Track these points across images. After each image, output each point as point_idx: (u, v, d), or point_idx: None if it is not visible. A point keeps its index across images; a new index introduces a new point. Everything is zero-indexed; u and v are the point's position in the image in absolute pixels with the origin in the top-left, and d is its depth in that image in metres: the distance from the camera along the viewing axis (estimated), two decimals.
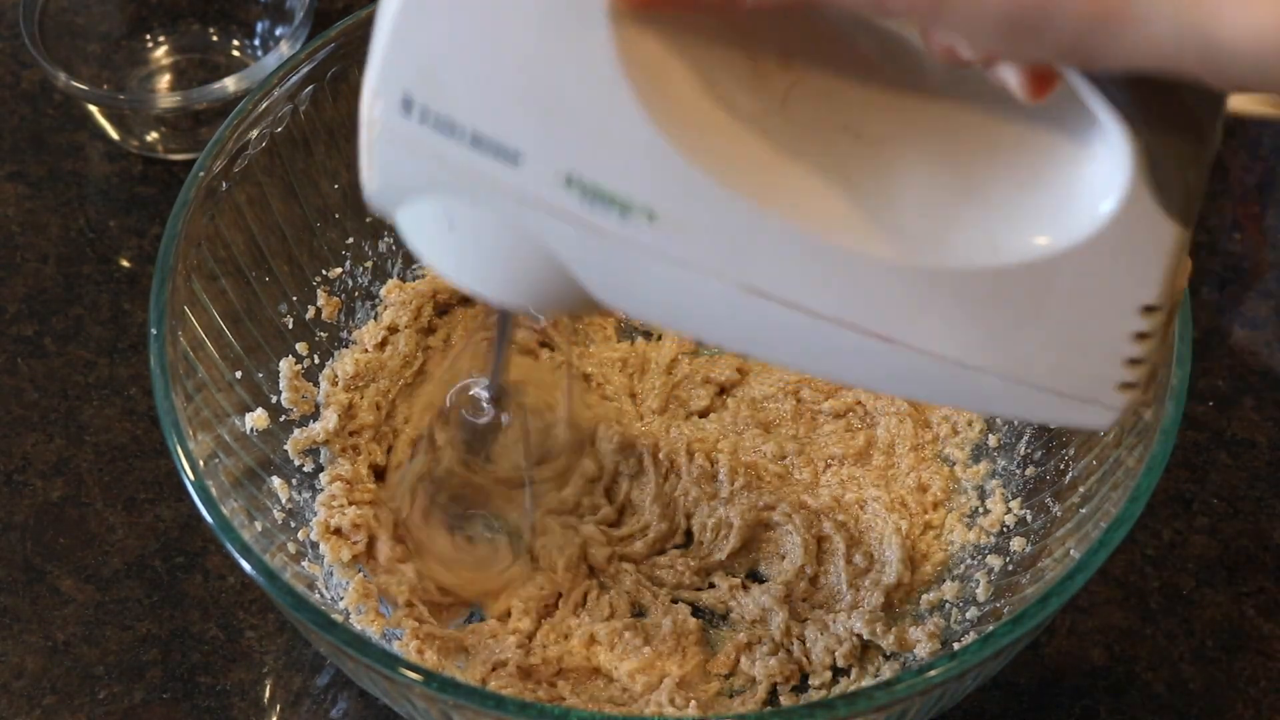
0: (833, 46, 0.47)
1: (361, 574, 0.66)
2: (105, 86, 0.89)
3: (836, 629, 0.66)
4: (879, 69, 0.47)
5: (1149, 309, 0.47)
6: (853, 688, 0.65)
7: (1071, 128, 0.46)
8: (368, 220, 0.75)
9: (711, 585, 0.70)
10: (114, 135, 0.87)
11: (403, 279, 0.76)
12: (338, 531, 0.67)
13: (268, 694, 0.70)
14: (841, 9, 0.43)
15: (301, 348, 0.72)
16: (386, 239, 0.76)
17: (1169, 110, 0.44)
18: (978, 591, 0.65)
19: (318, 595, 0.64)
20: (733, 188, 0.45)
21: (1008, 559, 0.66)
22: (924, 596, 0.67)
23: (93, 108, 0.86)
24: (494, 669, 0.65)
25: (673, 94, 0.45)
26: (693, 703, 0.64)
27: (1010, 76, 0.44)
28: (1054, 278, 0.46)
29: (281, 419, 0.69)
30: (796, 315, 0.46)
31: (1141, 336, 0.47)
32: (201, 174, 0.65)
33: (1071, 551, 0.59)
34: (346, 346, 0.74)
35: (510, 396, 0.66)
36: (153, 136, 0.87)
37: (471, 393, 0.66)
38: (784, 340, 0.48)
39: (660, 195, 0.45)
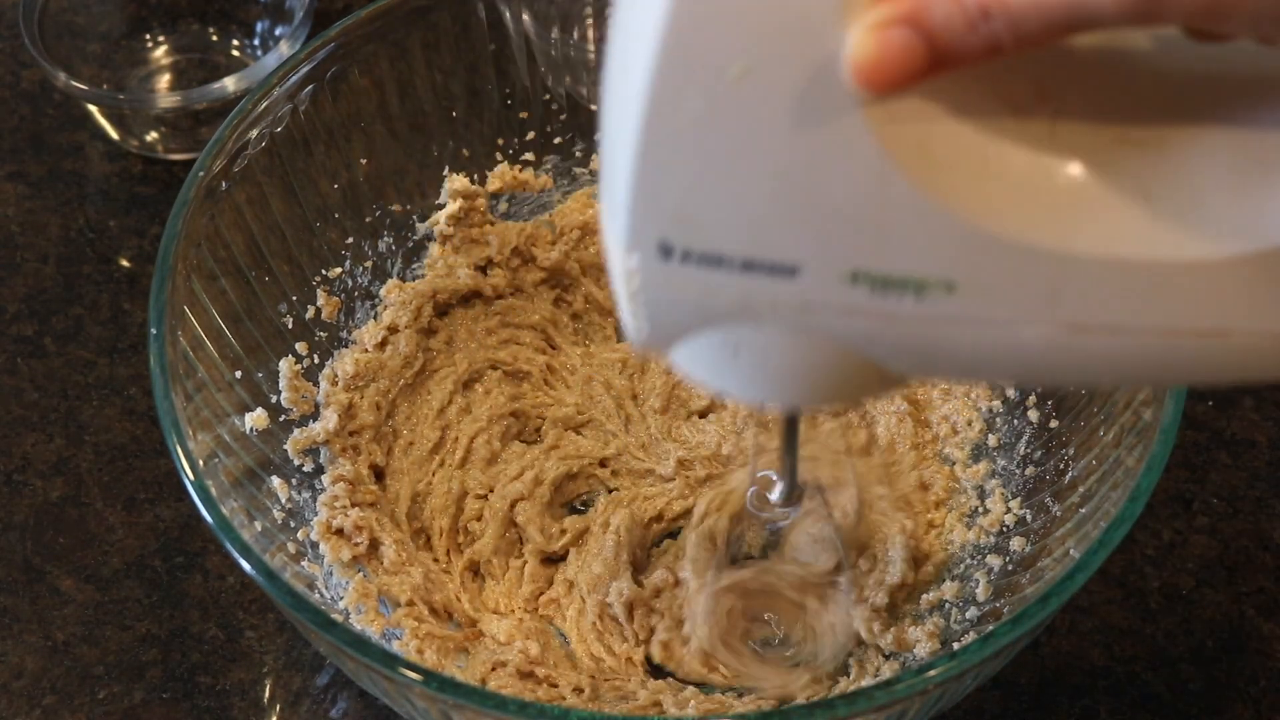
0: (1077, 63, 0.45)
1: (362, 574, 0.66)
2: (105, 86, 0.89)
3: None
4: (1129, 74, 0.45)
5: None
6: (853, 688, 0.64)
7: None
8: (367, 220, 0.75)
9: None
10: (114, 135, 0.87)
11: (402, 279, 0.76)
12: (339, 532, 0.67)
13: (267, 694, 0.70)
14: (1105, 19, 0.40)
15: (301, 347, 0.71)
16: (386, 238, 0.76)
17: None
18: (977, 591, 0.65)
19: (317, 595, 0.64)
20: (1025, 235, 0.43)
21: (1007, 559, 0.65)
22: (924, 596, 0.67)
23: (93, 108, 0.86)
24: (494, 669, 0.65)
25: (940, 161, 0.42)
26: (691, 703, 0.64)
27: None
28: None
29: (281, 419, 0.69)
30: (1123, 338, 0.44)
31: None
32: (201, 174, 0.65)
33: (1071, 551, 0.59)
34: (346, 346, 0.74)
35: (804, 493, 0.63)
36: (153, 136, 0.87)
37: (767, 494, 0.62)
38: (1117, 363, 0.46)
39: (953, 265, 0.43)
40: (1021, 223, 0.43)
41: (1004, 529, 0.67)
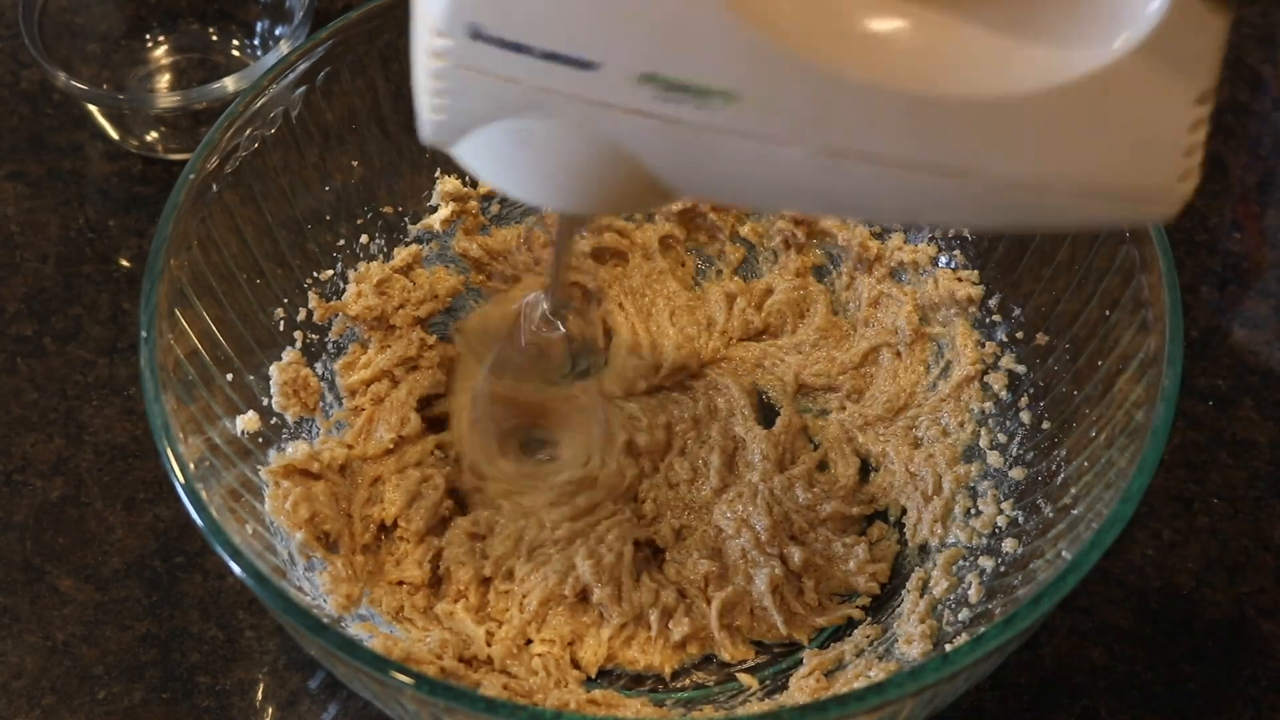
0: None
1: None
2: (105, 86, 0.89)
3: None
4: None
5: (1203, 97, 0.48)
6: (845, 689, 0.64)
7: None
8: (359, 222, 0.74)
9: None
10: (114, 135, 0.87)
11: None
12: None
13: (267, 694, 0.70)
14: None
15: (292, 351, 0.71)
16: (378, 240, 0.75)
17: None
18: (970, 593, 0.65)
19: (308, 599, 0.64)
20: (808, 56, 0.45)
21: (1000, 560, 0.65)
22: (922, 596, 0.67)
23: (92, 108, 0.86)
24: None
25: None
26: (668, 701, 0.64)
27: None
28: (1115, 84, 0.47)
29: (272, 421, 0.69)
30: (875, 167, 0.47)
31: (1197, 124, 0.48)
32: (192, 176, 0.65)
33: (1063, 553, 0.59)
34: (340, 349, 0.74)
35: (568, 308, 0.66)
36: (152, 136, 0.87)
37: (534, 309, 0.66)
38: (863, 193, 0.49)
39: (738, 77, 0.46)
40: (802, 38, 0.46)
41: (996, 530, 0.67)
